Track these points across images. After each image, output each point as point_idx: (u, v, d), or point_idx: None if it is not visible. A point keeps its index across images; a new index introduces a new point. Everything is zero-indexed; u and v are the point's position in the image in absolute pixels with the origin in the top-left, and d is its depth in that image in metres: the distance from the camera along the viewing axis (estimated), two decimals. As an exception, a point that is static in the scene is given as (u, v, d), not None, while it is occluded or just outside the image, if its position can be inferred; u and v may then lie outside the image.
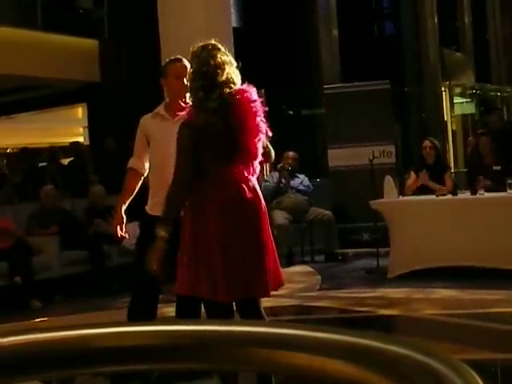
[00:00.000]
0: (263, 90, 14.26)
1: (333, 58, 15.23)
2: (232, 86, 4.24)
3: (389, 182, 9.19)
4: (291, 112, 14.82)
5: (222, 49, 4.35)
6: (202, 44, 4.35)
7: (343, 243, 11.36)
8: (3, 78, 12.96)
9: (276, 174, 11.25)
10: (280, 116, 14.24)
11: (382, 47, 17.24)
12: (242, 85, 4.31)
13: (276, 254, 4.39)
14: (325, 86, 12.69)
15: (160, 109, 5.36)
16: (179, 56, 5.36)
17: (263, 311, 4.47)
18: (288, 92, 13.98)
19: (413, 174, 9.83)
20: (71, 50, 13.66)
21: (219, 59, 4.26)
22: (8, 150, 19.23)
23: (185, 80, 5.07)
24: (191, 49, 4.39)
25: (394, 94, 12.29)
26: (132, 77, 13.71)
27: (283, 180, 11.09)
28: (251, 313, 4.36)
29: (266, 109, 4.33)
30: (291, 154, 11.30)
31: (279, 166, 11.26)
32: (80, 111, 17.06)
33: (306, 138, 14.20)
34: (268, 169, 12.39)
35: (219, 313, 4.23)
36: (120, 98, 13.74)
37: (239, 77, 4.33)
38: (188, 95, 4.95)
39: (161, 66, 5.53)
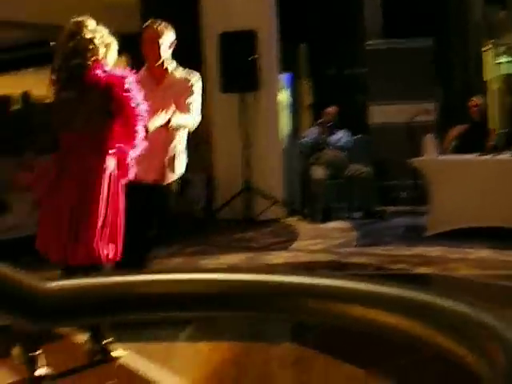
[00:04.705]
0: (304, 45, 14.21)
1: (375, 12, 15.04)
2: None
3: (429, 140, 9.12)
4: (332, 70, 14.69)
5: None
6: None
7: (381, 200, 11.31)
8: (41, 27, 12.96)
9: (316, 129, 11.21)
10: (321, 73, 14.13)
11: (425, 2, 16.98)
12: None
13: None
14: (367, 42, 12.57)
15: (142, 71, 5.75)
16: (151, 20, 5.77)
17: None
18: (329, 48, 13.84)
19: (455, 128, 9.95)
20: (111, 1, 13.61)
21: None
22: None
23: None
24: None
25: (437, 52, 12.14)
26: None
27: (323, 135, 11.05)
28: None
29: None
30: (331, 109, 11.23)
31: (320, 120, 11.21)
32: (122, 63, 17.06)
33: (346, 95, 14.10)
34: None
35: None
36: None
37: None
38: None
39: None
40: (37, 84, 10.98)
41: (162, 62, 5.73)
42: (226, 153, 10.97)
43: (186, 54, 5.74)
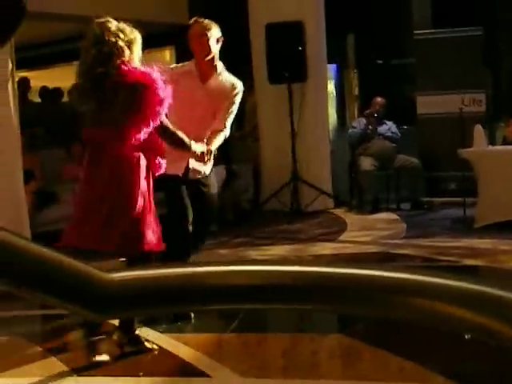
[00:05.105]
0: (351, 36, 14.13)
1: (423, 2, 14.90)
2: None
3: (478, 130, 9.02)
4: (380, 60, 14.60)
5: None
6: None
7: (430, 192, 11.22)
8: (90, 20, 13.03)
9: (363, 120, 11.16)
10: (368, 63, 14.05)
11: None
12: None
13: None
14: (415, 32, 12.46)
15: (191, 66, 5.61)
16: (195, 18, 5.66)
17: None
18: (376, 38, 13.75)
19: None
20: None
21: None
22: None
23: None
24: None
25: (487, 41, 11.99)
26: (220, 18, 13.65)
27: (370, 126, 11.00)
28: None
29: None
30: (379, 99, 11.18)
31: (367, 111, 11.16)
32: (168, 54, 17.09)
33: (394, 85, 14.02)
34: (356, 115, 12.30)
35: None
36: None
37: None
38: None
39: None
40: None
41: (212, 58, 5.60)
42: (273, 144, 10.97)
43: (235, 46, 5.71)
